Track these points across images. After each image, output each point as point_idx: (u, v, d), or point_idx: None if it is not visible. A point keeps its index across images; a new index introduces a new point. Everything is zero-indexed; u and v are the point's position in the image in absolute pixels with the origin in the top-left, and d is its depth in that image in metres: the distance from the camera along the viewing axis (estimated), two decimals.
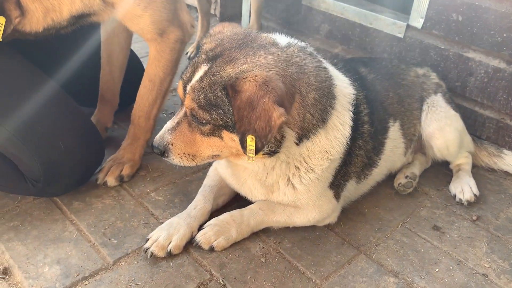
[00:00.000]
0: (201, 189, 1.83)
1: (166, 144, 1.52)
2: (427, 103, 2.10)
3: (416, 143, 2.15)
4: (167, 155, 1.53)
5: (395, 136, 1.97)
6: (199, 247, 1.66)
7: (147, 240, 1.65)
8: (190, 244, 1.68)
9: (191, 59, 1.53)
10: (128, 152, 2.03)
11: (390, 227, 1.89)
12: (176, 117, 1.52)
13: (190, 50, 3.17)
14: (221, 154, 1.54)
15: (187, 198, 1.92)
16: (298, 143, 1.53)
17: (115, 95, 2.27)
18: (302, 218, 1.75)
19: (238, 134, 1.38)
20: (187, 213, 1.73)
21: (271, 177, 1.66)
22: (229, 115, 1.38)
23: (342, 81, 1.66)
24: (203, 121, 1.44)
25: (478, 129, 2.45)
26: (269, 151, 1.50)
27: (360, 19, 2.73)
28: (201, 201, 1.78)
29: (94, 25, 2.25)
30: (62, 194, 1.85)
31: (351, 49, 2.86)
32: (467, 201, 2.02)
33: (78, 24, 1.77)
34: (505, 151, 2.27)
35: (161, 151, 1.53)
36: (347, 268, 1.67)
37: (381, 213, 1.96)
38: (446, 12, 2.35)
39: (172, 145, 1.52)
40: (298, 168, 1.62)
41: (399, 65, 2.16)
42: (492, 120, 2.38)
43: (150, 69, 1.95)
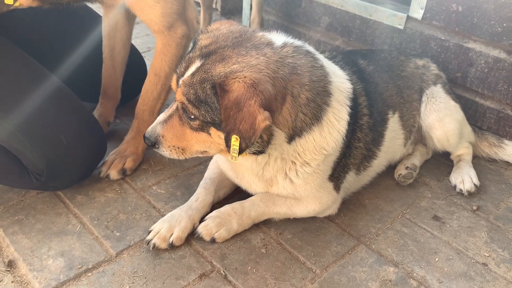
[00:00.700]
0: (202, 182, 1.85)
1: (157, 136, 1.54)
2: (426, 94, 2.10)
3: (416, 134, 2.16)
4: (157, 146, 1.56)
5: (394, 127, 1.98)
6: (200, 239, 1.68)
7: (149, 232, 1.67)
8: (191, 235, 1.70)
9: (188, 53, 1.54)
10: (131, 145, 2.05)
11: (390, 217, 1.90)
12: (168, 110, 1.54)
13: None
14: (209, 150, 1.56)
15: (188, 191, 1.94)
16: (289, 142, 1.53)
17: (117, 89, 2.29)
18: (302, 209, 1.77)
19: (223, 132, 1.39)
20: (189, 206, 1.75)
21: (268, 172, 1.68)
22: (217, 113, 1.39)
23: (339, 76, 1.65)
24: (192, 116, 1.45)
25: (479, 119, 2.45)
26: (255, 150, 1.51)
27: (360, 11, 2.73)
28: (203, 193, 1.80)
29: (96, 19, 2.28)
30: (65, 188, 1.88)
31: (351, 41, 2.86)
32: (468, 191, 2.03)
33: (90, 0, 1.80)
34: (506, 141, 2.28)
35: (152, 142, 1.55)
36: (347, 258, 1.69)
37: (381, 204, 1.97)
38: (446, 2, 2.34)
39: (162, 137, 1.54)
40: (294, 162, 1.63)
41: (398, 57, 2.16)
42: (492, 110, 2.38)
43: (156, 63, 1.96)
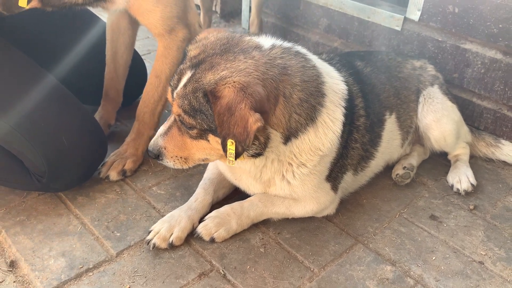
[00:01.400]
0: (201, 182, 1.87)
1: (159, 148, 1.57)
2: (423, 95, 2.13)
3: (413, 135, 2.18)
4: (161, 158, 1.58)
5: (391, 128, 2.00)
6: (200, 239, 1.71)
7: (149, 232, 1.69)
8: (191, 235, 1.72)
9: (178, 65, 1.57)
10: (131, 147, 2.07)
11: (387, 217, 1.92)
12: (167, 122, 1.57)
13: None
14: (210, 157, 1.58)
15: (188, 191, 1.96)
16: (285, 142, 1.55)
17: (119, 92, 2.31)
18: (300, 209, 1.79)
19: (220, 137, 1.41)
20: (188, 206, 1.77)
21: (265, 174, 1.70)
22: (212, 119, 1.41)
23: (333, 77, 1.67)
24: (189, 126, 1.48)
25: (476, 119, 2.47)
26: (254, 153, 1.53)
27: (358, 13, 2.75)
28: (202, 194, 1.82)
29: (98, 22, 2.30)
30: (66, 189, 1.90)
31: (349, 43, 2.88)
32: (465, 190, 2.04)
33: (91, 5, 1.83)
34: (503, 141, 2.30)
35: (155, 155, 1.58)
36: (345, 257, 1.71)
37: (379, 203, 1.99)
38: (442, 4, 2.37)
39: (165, 149, 1.56)
40: (290, 164, 1.65)
41: (395, 58, 2.18)
42: (489, 110, 2.40)
43: (157, 66, 1.99)
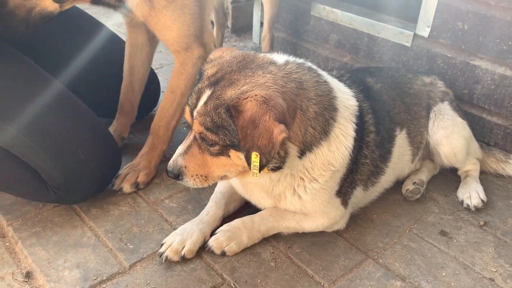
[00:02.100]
0: (213, 196, 1.90)
1: (180, 167, 1.57)
2: (434, 111, 2.14)
3: (423, 151, 2.19)
4: (181, 178, 1.59)
5: (402, 144, 2.02)
6: (211, 252, 1.73)
7: (162, 245, 1.72)
8: (202, 249, 1.74)
9: (195, 85, 1.61)
10: (144, 160, 2.11)
11: (397, 232, 1.93)
12: (186, 141, 1.59)
13: None
14: (229, 174, 1.60)
15: (199, 204, 1.99)
16: (300, 156, 1.58)
17: (133, 106, 2.36)
18: (310, 224, 1.80)
19: (243, 151, 1.43)
20: (200, 219, 1.80)
21: (277, 188, 1.72)
22: (235, 134, 1.43)
23: (344, 93, 1.70)
24: (211, 143, 1.50)
25: (486, 135, 2.47)
26: (274, 167, 1.55)
27: (368, 29, 2.79)
28: (213, 207, 1.84)
29: (113, 37, 2.37)
30: (81, 201, 1.94)
31: (359, 58, 2.91)
32: (475, 206, 2.05)
33: (116, 8, 1.91)
34: None
35: (175, 175, 1.58)
36: (355, 272, 1.72)
37: (389, 219, 2.00)
38: (452, 21, 2.40)
39: (185, 168, 1.57)
40: (302, 179, 1.67)
41: (406, 74, 2.21)
42: (499, 126, 2.41)
43: (172, 81, 2.04)
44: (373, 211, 2.03)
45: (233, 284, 1.63)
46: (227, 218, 1.87)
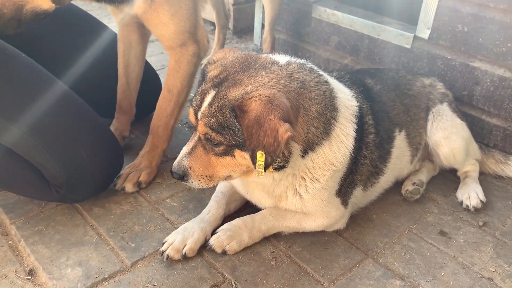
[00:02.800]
0: (214, 195, 1.92)
1: (184, 168, 1.58)
2: (432, 112, 2.16)
3: (423, 151, 2.21)
4: (186, 179, 1.60)
5: (401, 145, 2.03)
6: (212, 251, 1.74)
7: (163, 243, 1.73)
8: (203, 247, 1.76)
9: (198, 86, 1.62)
10: (145, 159, 2.12)
11: (397, 232, 1.94)
12: (190, 142, 1.60)
13: (204, 62, 3.27)
14: (234, 174, 1.61)
15: (201, 204, 2.01)
16: (303, 155, 1.60)
17: (131, 105, 2.37)
18: (311, 223, 1.82)
19: (248, 151, 1.45)
20: (201, 218, 1.81)
21: (278, 188, 1.74)
22: (240, 134, 1.45)
23: (344, 93, 1.72)
24: (216, 143, 1.51)
25: (485, 137, 2.49)
26: (278, 166, 1.57)
27: (368, 30, 2.81)
28: (214, 206, 1.86)
29: (110, 36, 2.37)
30: (83, 200, 1.96)
31: (360, 60, 2.93)
32: (474, 207, 2.06)
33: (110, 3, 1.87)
34: None
35: (180, 176, 1.59)
36: (355, 271, 1.73)
37: (388, 219, 2.02)
38: (452, 23, 2.41)
39: (190, 168, 1.58)
40: (304, 178, 1.69)
41: (405, 76, 2.23)
42: (499, 128, 2.42)
43: (168, 80, 2.05)
44: (372, 211, 2.05)
45: (234, 282, 1.65)
46: (228, 217, 1.89)
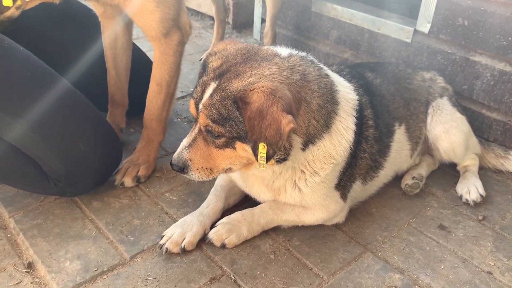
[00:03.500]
0: (213, 189, 1.92)
1: (185, 160, 1.58)
2: (432, 106, 2.15)
3: (422, 146, 2.20)
4: (186, 171, 1.59)
5: (400, 139, 2.03)
6: (211, 244, 1.74)
7: (162, 237, 1.73)
8: (202, 241, 1.76)
9: (199, 78, 1.61)
10: (143, 154, 2.12)
11: (396, 226, 1.94)
12: (191, 134, 1.59)
13: (203, 56, 3.26)
14: (234, 166, 1.61)
15: (200, 198, 2.00)
16: (304, 148, 1.59)
17: (124, 95, 2.33)
18: (310, 217, 1.82)
19: (250, 143, 1.44)
20: (200, 212, 1.81)
21: (278, 181, 1.73)
22: (241, 126, 1.44)
23: (345, 87, 1.72)
24: (217, 135, 1.50)
25: (485, 131, 2.48)
26: (279, 158, 1.57)
27: (368, 24, 2.79)
28: (213, 200, 1.86)
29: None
30: (82, 193, 1.96)
31: (360, 54, 2.92)
32: (473, 201, 2.06)
33: None
34: None
35: (180, 168, 1.58)
36: (354, 265, 1.73)
37: (388, 213, 2.01)
38: (452, 17, 2.40)
39: (190, 161, 1.57)
40: (303, 172, 1.68)
41: (405, 70, 2.22)
42: (499, 122, 2.42)
43: (156, 73, 2.01)
44: (372, 205, 2.05)
45: (233, 275, 1.64)
46: (227, 211, 1.89)
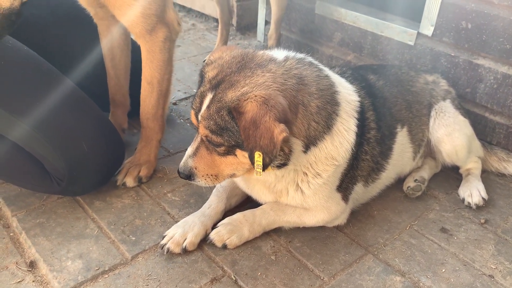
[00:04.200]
0: (214, 190, 1.92)
1: (190, 168, 1.60)
2: (435, 109, 2.15)
3: (425, 148, 2.20)
4: (193, 178, 1.62)
5: (403, 141, 2.03)
6: (212, 245, 1.74)
7: (164, 237, 1.74)
8: (204, 241, 1.76)
9: (197, 87, 1.62)
10: (143, 154, 2.12)
11: (398, 228, 1.94)
12: (194, 143, 1.61)
13: (207, 58, 3.26)
14: (237, 172, 1.62)
15: (201, 198, 2.01)
16: (305, 151, 1.59)
17: (124, 96, 2.33)
18: (311, 219, 1.82)
19: (247, 151, 1.45)
20: (202, 212, 1.81)
21: (280, 184, 1.74)
22: (238, 135, 1.45)
23: (346, 88, 1.72)
24: (217, 144, 1.52)
25: (488, 134, 2.48)
26: (279, 163, 1.57)
27: (371, 27, 2.80)
28: (215, 201, 1.86)
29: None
30: (84, 193, 1.97)
31: (363, 57, 2.92)
32: (476, 204, 2.05)
33: None
34: None
35: (187, 176, 1.61)
36: (355, 267, 1.73)
37: (389, 215, 2.01)
38: (455, 20, 2.40)
39: (196, 169, 1.60)
40: (305, 174, 1.68)
41: (408, 72, 2.22)
42: (502, 125, 2.41)
43: (145, 72, 1.98)
44: (374, 208, 2.04)
45: (234, 276, 1.65)
46: (229, 212, 1.89)
